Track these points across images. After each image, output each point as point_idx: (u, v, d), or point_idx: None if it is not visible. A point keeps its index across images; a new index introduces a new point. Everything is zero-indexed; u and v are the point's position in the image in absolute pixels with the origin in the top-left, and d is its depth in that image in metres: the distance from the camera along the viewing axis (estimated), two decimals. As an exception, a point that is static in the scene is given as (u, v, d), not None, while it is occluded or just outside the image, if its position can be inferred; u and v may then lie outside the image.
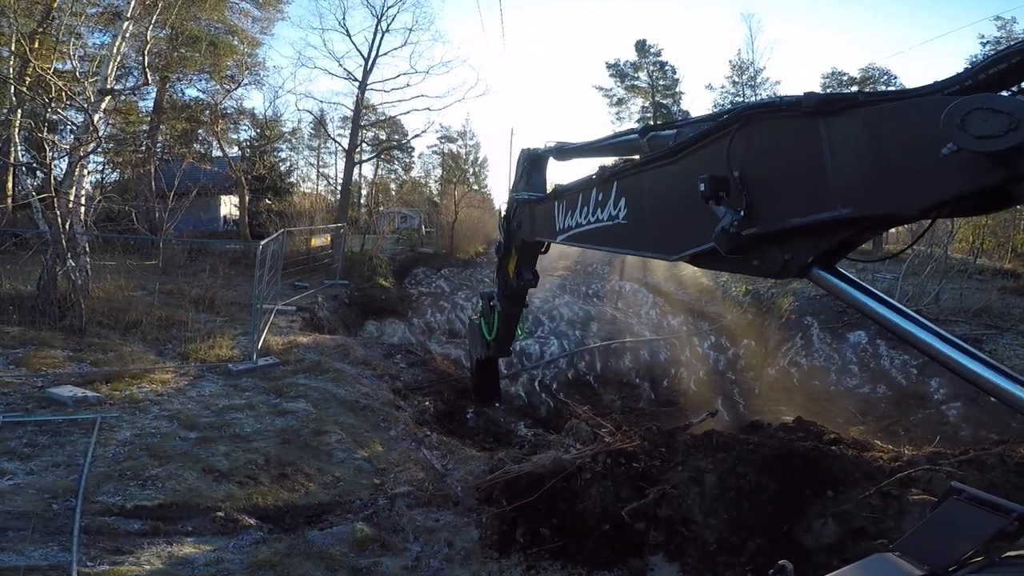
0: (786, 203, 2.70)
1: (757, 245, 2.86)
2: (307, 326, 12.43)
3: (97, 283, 10.62)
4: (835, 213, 2.47)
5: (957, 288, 15.33)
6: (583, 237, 5.07)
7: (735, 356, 14.09)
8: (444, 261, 28.78)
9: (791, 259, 2.77)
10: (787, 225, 2.71)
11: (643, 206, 3.96)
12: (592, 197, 4.72)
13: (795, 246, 2.76)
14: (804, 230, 2.68)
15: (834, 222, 2.53)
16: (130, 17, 10.30)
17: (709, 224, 3.00)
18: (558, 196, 5.66)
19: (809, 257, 2.72)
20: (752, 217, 2.83)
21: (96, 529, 4.60)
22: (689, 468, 5.45)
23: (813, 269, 2.74)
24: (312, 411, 7.28)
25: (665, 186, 3.68)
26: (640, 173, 3.97)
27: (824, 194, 2.50)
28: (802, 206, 2.62)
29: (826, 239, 2.65)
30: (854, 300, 2.64)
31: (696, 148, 3.29)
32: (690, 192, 3.20)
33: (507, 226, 7.74)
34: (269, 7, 25.93)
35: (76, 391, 6.87)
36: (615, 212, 4.33)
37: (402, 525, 5.44)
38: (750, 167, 2.84)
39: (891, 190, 2.26)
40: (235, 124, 29.19)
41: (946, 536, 1.99)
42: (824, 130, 2.45)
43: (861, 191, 2.37)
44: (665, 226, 3.73)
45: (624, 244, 4.38)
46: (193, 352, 8.93)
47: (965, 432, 8.25)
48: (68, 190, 9.30)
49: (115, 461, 5.57)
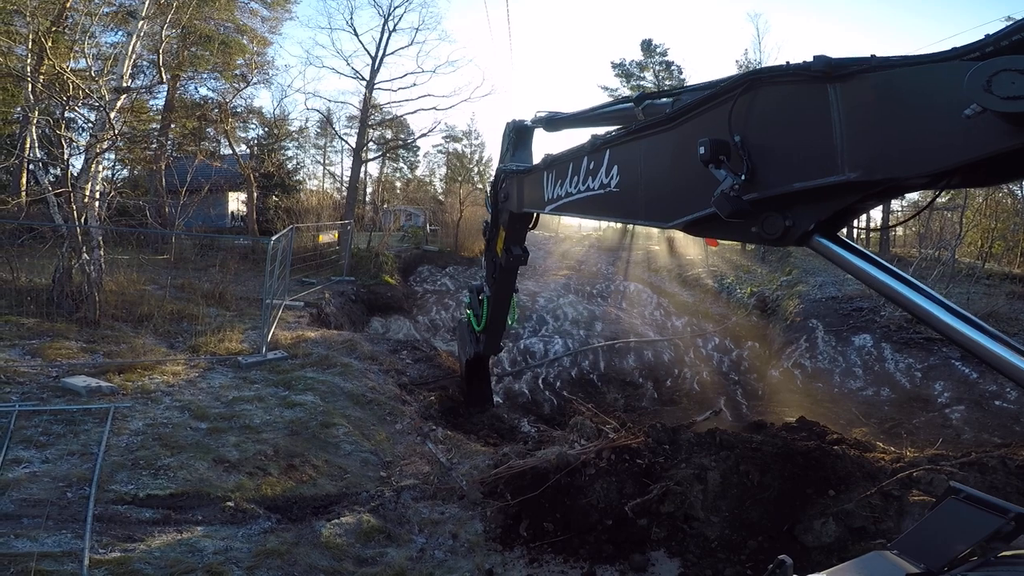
0: (789, 167, 2.68)
1: (757, 210, 2.83)
2: (314, 321, 12.53)
3: (110, 277, 10.75)
4: (842, 177, 2.44)
5: (964, 292, 15.30)
6: (573, 207, 5.02)
7: (739, 357, 14.12)
8: (449, 259, 28.84)
9: (792, 225, 2.75)
10: (790, 190, 2.68)
11: (637, 174, 3.92)
12: (583, 166, 4.68)
13: (797, 212, 2.74)
14: (806, 196, 2.66)
15: (840, 187, 2.50)
16: (145, 16, 10.42)
17: (707, 191, 2.98)
18: (547, 166, 5.59)
19: (811, 224, 2.70)
20: (753, 182, 2.80)
21: (109, 517, 4.70)
22: (692, 465, 5.51)
23: (814, 236, 2.72)
24: (320, 404, 7.37)
25: (661, 153, 3.64)
26: (635, 140, 3.92)
27: (831, 158, 2.47)
28: (806, 171, 2.60)
29: (829, 205, 2.63)
30: (856, 268, 2.60)
31: (696, 113, 3.25)
32: (688, 158, 3.18)
33: (494, 199, 7.58)
34: (278, 7, 26.09)
35: (90, 381, 6.98)
36: (607, 180, 4.29)
37: (407, 517, 5.53)
38: (752, 132, 2.82)
39: (905, 153, 2.23)
40: (244, 122, 29.38)
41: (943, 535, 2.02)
42: (833, 94, 2.43)
43: (871, 155, 2.34)
44: (660, 193, 3.70)
45: (616, 212, 4.35)
46: (203, 345, 9.04)
47: (968, 435, 8.27)
48: (84, 185, 9.43)
49: (128, 450, 5.68)
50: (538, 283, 22.45)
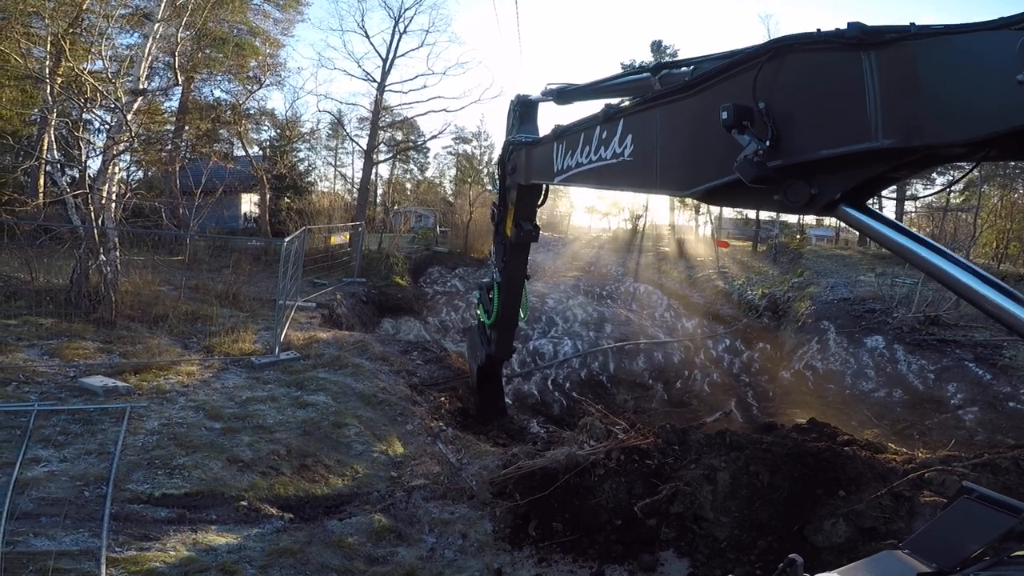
0: (817, 134, 2.61)
1: (781, 177, 2.75)
2: (326, 322, 12.62)
3: (126, 277, 10.89)
4: (875, 144, 2.39)
5: (978, 293, 15.10)
6: (583, 177, 4.96)
7: (749, 359, 14.06)
8: (459, 260, 28.90)
9: (818, 194, 2.68)
10: (817, 156, 2.61)
11: (653, 143, 3.83)
12: (595, 135, 4.60)
13: (823, 180, 2.65)
14: (834, 164, 2.59)
15: (871, 155, 2.45)
16: (161, 19, 10.55)
17: (727, 158, 2.90)
18: (557, 136, 5.51)
19: (837, 193, 2.63)
20: (778, 149, 2.72)
21: (125, 516, 4.77)
22: (702, 466, 5.51)
23: (840, 206, 2.65)
24: (332, 404, 7.44)
25: (680, 120, 3.57)
26: (652, 108, 3.82)
27: (863, 125, 2.41)
28: (836, 137, 2.53)
29: (858, 173, 2.56)
30: (885, 237, 2.53)
31: (718, 80, 3.17)
32: (708, 126, 3.11)
33: (501, 174, 7.46)
34: (290, 8, 26.31)
35: (107, 381, 7.09)
36: (620, 150, 4.22)
37: (418, 517, 5.57)
38: (777, 99, 2.74)
39: (946, 120, 2.20)
40: (257, 124, 29.65)
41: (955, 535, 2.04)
42: (867, 62, 2.38)
43: (909, 121, 2.29)
44: (677, 162, 3.63)
45: (628, 182, 4.29)
46: (217, 346, 9.15)
47: (981, 436, 8.20)
48: (101, 187, 9.56)
49: (144, 450, 5.76)
50: (547, 284, 22.45)
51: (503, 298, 8.11)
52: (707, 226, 40.54)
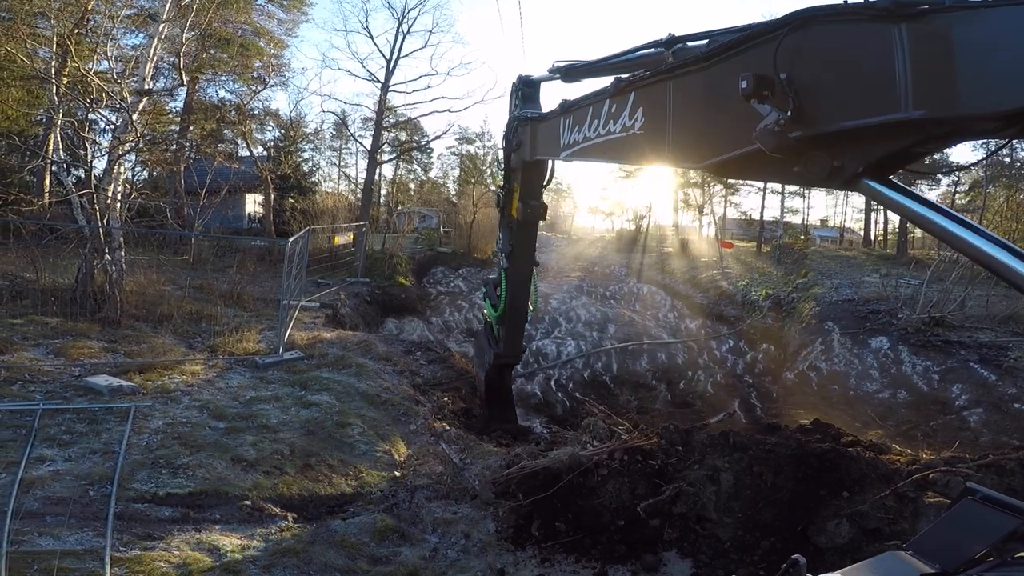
0: (841, 105, 2.52)
1: (802, 148, 2.66)
2: (330, 322, 12.65)
3: (131, 277, 10.93)
4: (904, 115, 2.30)
5: (983, 295, 15.06)
6: (590, 151, 4.90)
7: (753, 360, 14.03)
8: (462, 261, 28.95)
9: (840, 166, 2.60)
10: (841, 128, 2.53)
11: (665, 115, 3.74)
12: (604, 109, 4.52)
13: (845, 152, 2.57)
14: (858, 136, 2.52)
15: (898, 126, 2.38)
16: (166, 19, 10.60)
17: (744, 130, 2.83)
18: (564, 111, 5.43)
19: (860, 166, 2.55)
20: (799, 120, 2.62)
21: (129, 515, 4.79)
22: (705, 467, 5.51)
23: (863, 179, 2.57)
24: (335, 404, 7.45)
25: (695, 93, 3.49)
26: (665, 80, 3.73)
27: (891, 96, 2.33)
28: (862, 108, 2.45)
29: (883, 146, 2.49)
30: (911, 211, 2.45)
31: (737, 52, 3.08)
32: (725, 98, 3.05)
33: (506, 150, 7.33)
34: (294, 9, 26.40)
35: (112, 380, 7.11)
36: (630, 123, 4.14)
37: (421, 517, 5.58)
38: (799, 70, 2.64)
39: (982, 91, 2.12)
40: (261, 124, 29.74)
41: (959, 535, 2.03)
42: (898, 33, 2.31)
43: (941, 92, 2.22)
44: (691, 134, 3.55)
45: (638, 155, 4.20)
46: (221, 345, 9.17)
47: (986, 438, 8.17)
48: (106, 187, 9.61)
49: (148, 449, 5.78)
50: (551, 285, 22.46)
51: (511, 287, 7.73)
52: (711, 227, 40.49)
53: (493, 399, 8.75)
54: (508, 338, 8.07)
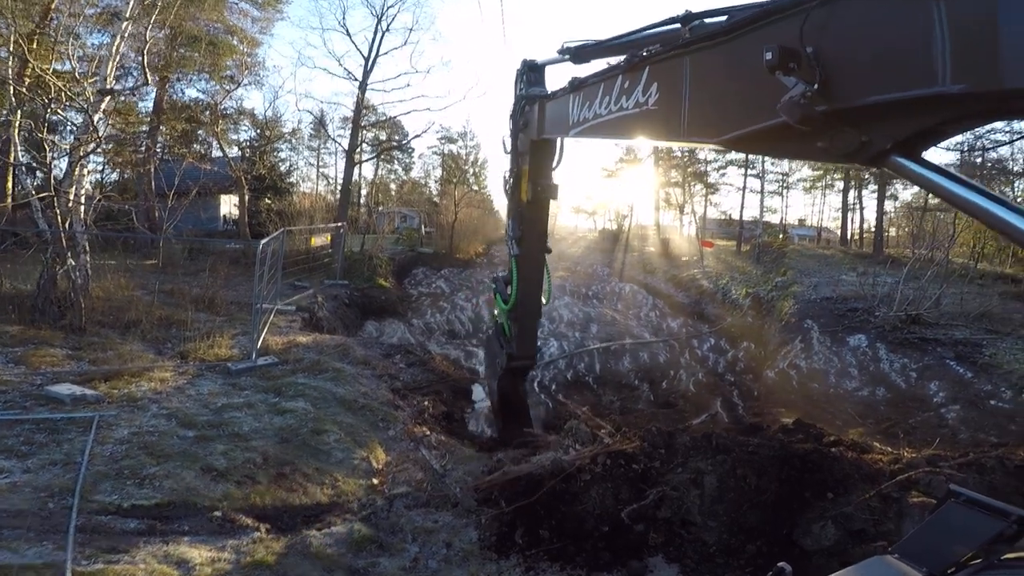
0: (872, 79, 2.43)
1: (828, 124, 2.57)
2: (307, 326, 12.41)
3: (97, 282, 10.60)
4: (942, 89, 2.20)
5: (958, 293, 15.34)
6: (600, 128, 4.83)
7: (734, 358, 14.09)
8: (444, 261, 28.78)
9: (868, 142, 2.51)
10: (870, 102, 2.43)
11: (681, 90, 3.66)
12: (616, 85, 4.45)
13: (875, 128, 2.48)
14: (888, 110, 2.42)
15: (933, 101, 2.28)
16: (129, 17, 10.30)
17: (766, 104, 2.74)
18: (575, 88, 5.34)
19: (889, 142, 2.47)
20: (826, 94, 2.54)
21: (92, 528, 4.57)
22: (689, 470, 5.44)
23: (892, 156, 2.49)
24: (311, 410, 7.26)
25: (714, 67, 3.41)
26: (683, 55, 3.65)
27: (926, 70, 2.24)
28: (895, 82, 2.35)
29: (916, 122, 2.39)
30: (944, 189, 2.35)
31: (760, 25, 2.98)
32: (746, 72, 2.98)
33: (513, 130, 7.11)
34: (269, 7, 25.92)
35: (75, 389, 6.84)
36: (643, 99, 4.07)
37: (400, 526, 5.43)
38: (827, 44, 2.55)
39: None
40: (235, 124, 29.23)
41: (945, 539, 2.02)
42: (936, 5, 2.20)
43: (983, 66, 2.11)
44: (708, 109, 3.47)
45: (651, 131, 4.12)
46: (192, 351, 8.90)
47: (964, 435, 8.25)
48: (68, 189, 9.29)
49: (113, 460, 5.54)
50: (532, 285, 22.32)
51: (521, 277, 7.28)
52: (691, 226, 40.84)
53: (507, 409, 8.16)
54: (521, 336, 7.59)
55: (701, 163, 44.86)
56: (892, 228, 42.12)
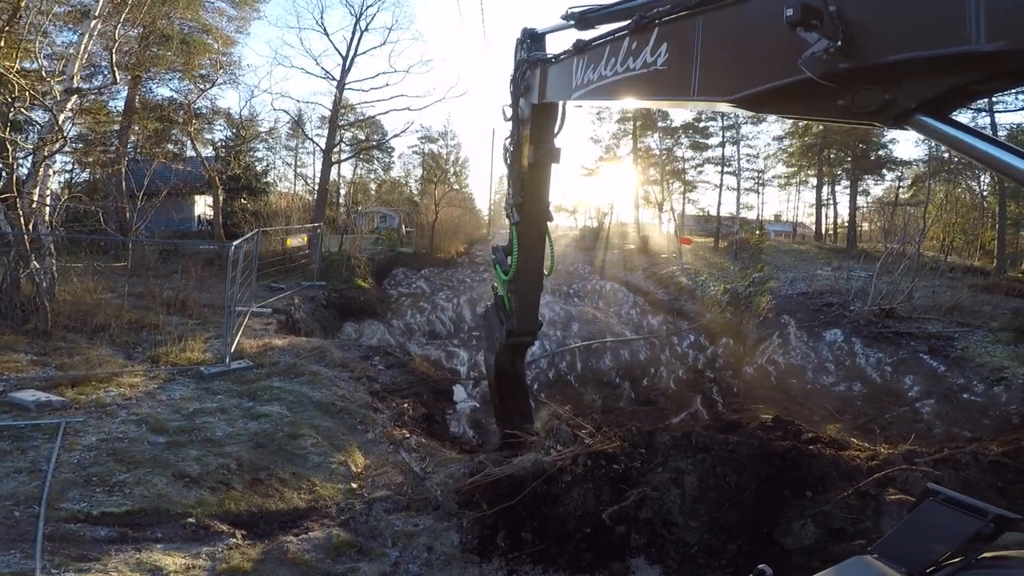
0: (900, 36, 2.36)
1: (851, 80, 2.50)
2: (283, 328, 12.21)
3: (63, 286, 10.29)
4: (975, 47, 2.12)
5: (930, 286, 15.63)
6: (604, 90, 4.73)
7: (714, 355, 14.19)
8: (424, 261, 28.60)
9: (893, 100, 2.43)
10: (897, 60, 2.37)
11: (692, 50, 3.57)
12: (623, 47, 4.35)
13: (902, 86, 2.41)
14: (915, 69, 2.35)
15: (962, 61, 2.21)
16: (98, 16, 10.02)
17: (785, 61, 2.68)
18: (579, 50, 5.22)
19: (914, 102, 2.39)
20: (849, 52, 2.45)
21: (61, 536, 4.45)
22: (669, 469, 5.43)
23: (916, 115, 2.41)
24: (287, 414, 7.12)
25: (728, 26, 3.34)
26: (696, 15, 3.56)
27: (958, 27, 2.16)
28: (924, 39, 2.28)
29: (943, 81, 2.32)
30: (973, 148, 2.29)
31: None
32: (764, 30, 2.90)
33: (514, 94, 6.91)
34: (245, 6, 25.45)
35: (40, 395, 6.63)
36: (651, 59, 3.99)
37: (380, 530, 5.35)
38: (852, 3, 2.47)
39: None
40: (210, 124, 28.64)
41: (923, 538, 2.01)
42: None
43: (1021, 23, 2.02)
44: (721, 68, 3.39)
45: (658, 92, 4.06)
46: (164, 355, 8.68)
47: (939, 429, 8.37)
48: (32, 190, 9.00)
49: (80, 467, 5.39)
50: (513, 284, 22.30)
51: (522, 246, 6.96)
52: (670, 223, 41.13)
53: (504, 388, 7.75)
54: (521, 308, 7.18)
55: (679, 160, 45.26)
56: (865, 223, 42.97)
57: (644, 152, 45.58)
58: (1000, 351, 10.82)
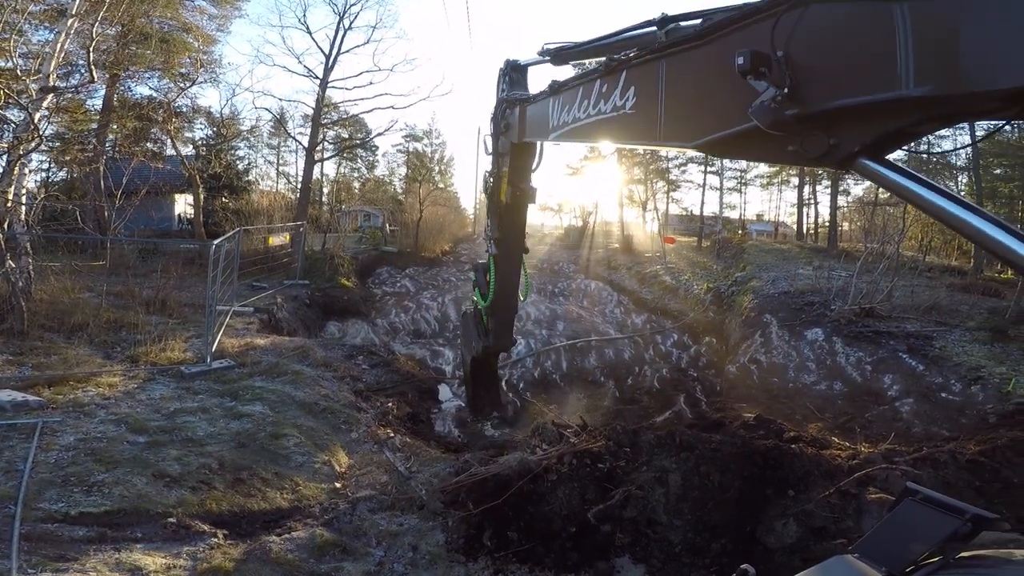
0: (839, 83, 2.51)
1: (799, 127, 2.65)
2: (265, 328, 12.08)
3: (40, 285, 10.09)
4: (905, 92, 2.28)
5: (908, 285, 15.86)
6: (579, 132, 4.88)
7: (697, 353, 14.29)
8: (409, 260, 28.45)
9: (837, 145, 2.58)
10: (838, 105, 2.51)
11: (657, 95, 3.71)
12: (595, 89, 4.49)
13: (843, 131, 2.56)
14: (855, 114, 2.50)
15: (898, 105, 2.35)
16: (75, 14, 9.84)
17: (738, 108, 2.82)
18: (554, 91, 5.39)
19: (856, 145, 2.54)
20: (795, 98, 2.62)
21: (38, 536, 4.38)
22: (653, 468, 5.45)
23: (859, 159, 2.56)
24: (269, 414, 7.05)
25: (687, 72, 3.46)
26: (658, 59, 3.70)
27: (890, 74, 2.30)
28: (860, 86, 2.43)
29: (880, 125, 2.47)
30: (909, 191, 2.44)
31: (731, 30, 3.05)
32: (718, 77, 3.03)
33: (494, 132, 7.23)
34: (226, 4, 25.09)
35: (15, 395, 6.49)
36: (621, 103, 4.12)
37: (364, 530, 5.32)
38: (797, 49, 2.62)
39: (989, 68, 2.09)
40: (190, 122, 28.21)
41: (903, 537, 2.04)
42: (900, 11, 2.27)
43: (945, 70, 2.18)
44: (683, 113, 3.52)
45: (628, 135, 4.20)
46: (143, 355, 8.55)
47: (918, 428, 8.49)
48: (7, 189, 8.81)
49: (58, 467, 5.30)
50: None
51: (500, 275, 7.58)
52: (654, 222, 41.36)
53: (478, 382, 8.54)
54: (498, 329, 7.87)
55: (663, 160, 45.50)
56: (845, 223, 43.51)
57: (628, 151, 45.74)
58: (977, 350, 11.01)
